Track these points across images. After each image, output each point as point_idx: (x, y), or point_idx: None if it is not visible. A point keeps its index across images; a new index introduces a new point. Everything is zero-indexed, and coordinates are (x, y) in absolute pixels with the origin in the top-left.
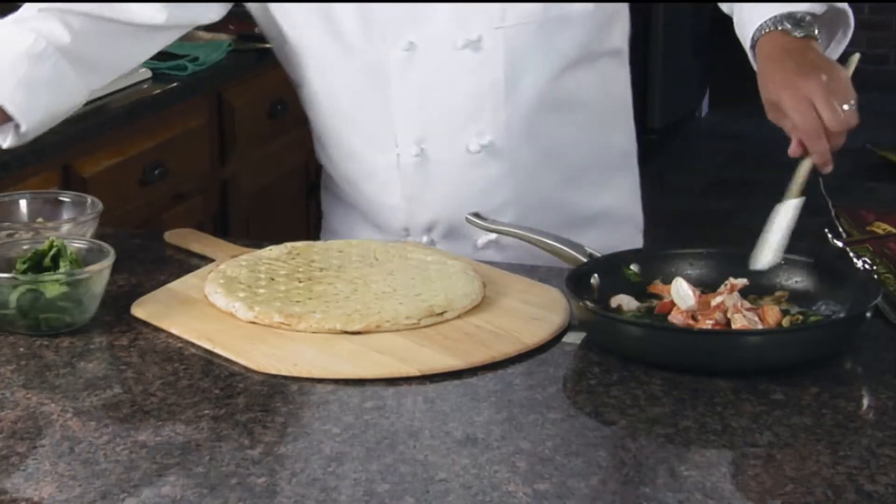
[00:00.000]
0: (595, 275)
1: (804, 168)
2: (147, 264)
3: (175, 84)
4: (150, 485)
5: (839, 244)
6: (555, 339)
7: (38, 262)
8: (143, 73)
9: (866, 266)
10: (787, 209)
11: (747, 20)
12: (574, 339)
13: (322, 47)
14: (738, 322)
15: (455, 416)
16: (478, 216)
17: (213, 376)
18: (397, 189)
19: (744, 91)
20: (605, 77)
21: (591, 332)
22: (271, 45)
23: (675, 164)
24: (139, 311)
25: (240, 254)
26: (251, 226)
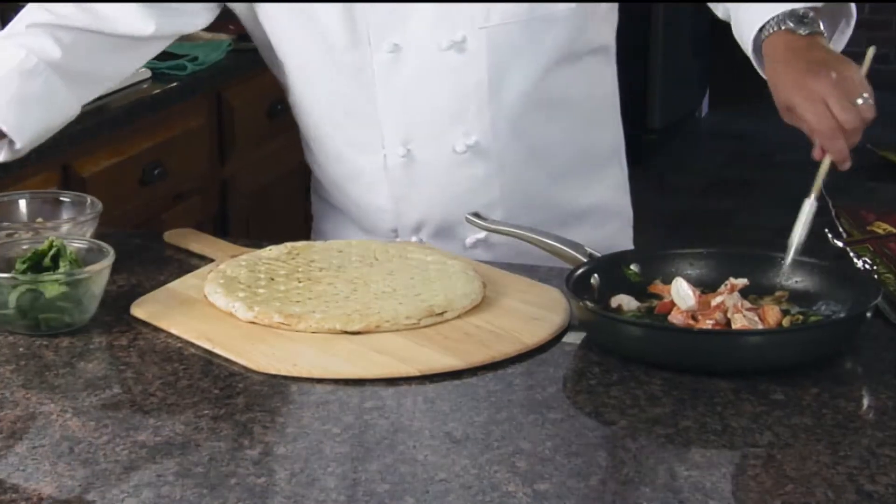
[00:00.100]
0: (595, 275)
1: (824, 168)
2: (146, 264)
3: (174, 84)
4: (150, 485)
5: (839, 244)
6: (555, 339)
7: (38, 262)
8: (142, 72)
9: (866, 266)
10: (806, 207)
11: (747, 23)
12: (574, 339)
13: (307, 51)
14: (739, 322)
15: (455, 416)
16: (477, 216)
17: (213, 376)
18: (384, 190)
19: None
20: (592, 74)
21: (591, 332)
22: (259, 50)
23: (675, 164)
24: (139, 311)
25: (239, 254)
26: (251, 226)
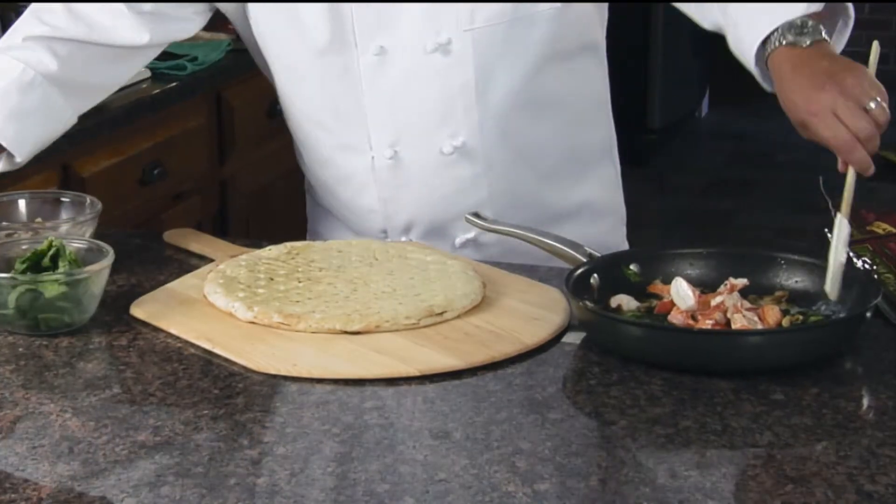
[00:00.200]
0: (595, 275)
1: (850, 180)
2: (146, 264)
3: (174, 84)
4: (149, 485)
5: None
6: (555, 339)
7: (37, 262)
8: (142, 72)
9: (866, 266)
10: (839, 228)
11: (746, 41)
12: (574, 339)
13: (294, 54)
14: (738, 322)
15: (454, 416)
16: (477, 216)
17: (213, 376)
18: (373, 192)
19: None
20: (580, 73)
21: (591, 332)
22: (250, 52)
23: (675, 164)
24: (138, 311)
25: (239, 254)
26: (250, 225)
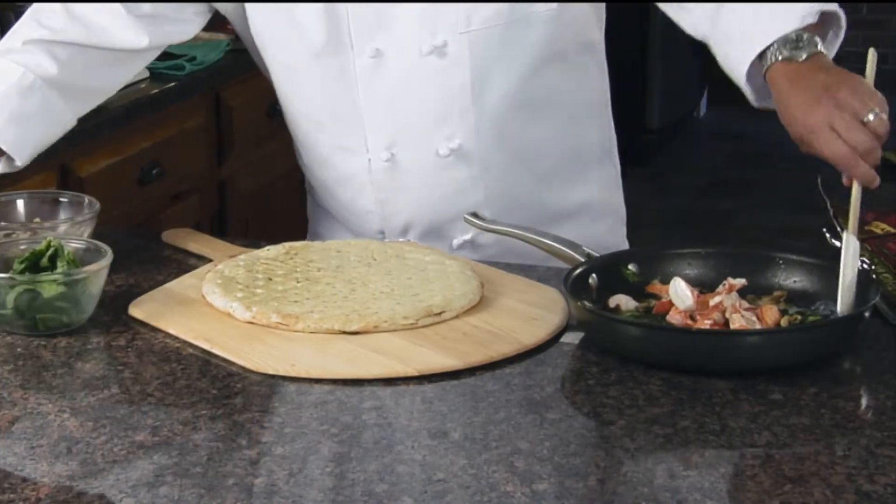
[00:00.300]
0: (593, 275)
1: (855, 194)
2: (145, 264)
3: (173, 84)
4: (148, 485)
5: (838, 244)
6: (553, 339)
7: (36, 262)
8: (141, 72)
9: (864, 266)
10: (847, 245)
11: (738, 56)
12: (572, 339)
13: (291, 55)
14: (737, 322)
15: (453, 416)
16: (475, 216)
17: (211, 376)
18: (370, 194)
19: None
20: (578, 74)
21: (590, 332)
22: (250, 52)
23: (675, 164)
24: (137, 311)
25: (237, 254)
26: (249, 226)
